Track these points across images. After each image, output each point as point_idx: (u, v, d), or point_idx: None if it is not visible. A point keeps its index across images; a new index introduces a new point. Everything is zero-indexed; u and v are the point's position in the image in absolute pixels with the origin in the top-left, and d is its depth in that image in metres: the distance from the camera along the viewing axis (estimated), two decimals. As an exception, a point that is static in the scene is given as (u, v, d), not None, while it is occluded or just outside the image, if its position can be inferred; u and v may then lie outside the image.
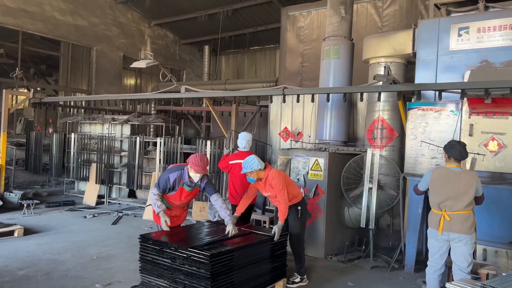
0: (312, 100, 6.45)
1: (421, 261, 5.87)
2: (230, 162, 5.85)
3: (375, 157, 5.75)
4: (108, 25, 14.37)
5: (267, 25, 14.44)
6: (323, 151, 6.42)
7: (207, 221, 5.43)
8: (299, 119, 7.48)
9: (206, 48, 16.50)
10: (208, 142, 7.14)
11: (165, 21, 15.61)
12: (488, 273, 4.16)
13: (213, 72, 16.77)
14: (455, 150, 4.04)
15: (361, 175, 6.23)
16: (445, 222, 3.97)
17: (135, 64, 7.75)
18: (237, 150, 5.91)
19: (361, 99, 5.84)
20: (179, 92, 7.12)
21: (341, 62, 6.74)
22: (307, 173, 6.29)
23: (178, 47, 17.05)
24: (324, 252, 6.11)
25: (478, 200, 4.05)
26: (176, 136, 8.01)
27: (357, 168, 6.19)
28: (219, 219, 6.81)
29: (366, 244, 6.10)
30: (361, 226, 5.95)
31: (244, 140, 5.76)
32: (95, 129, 10.09)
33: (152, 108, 12.44)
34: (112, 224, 7.60)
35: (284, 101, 6.47)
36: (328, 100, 6.14)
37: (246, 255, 4.15)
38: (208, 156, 7.03)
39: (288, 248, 5.16)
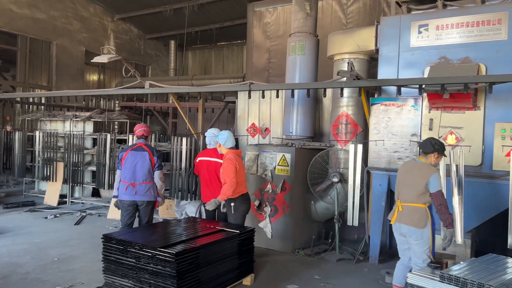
0: (277, 96, 6.48)
1: (385, 253, 6.05)
2: (197, 160, 5.81)
3: (357, 152, 5.61)
4: (69, 18, 13.86)
5: (234, 21, 14.36)
6: (290, 146, 6.47)
7: (174, 219, 5.36)
8: (266, 115, 7.49)
9: (172, 43, 16.23)
10: (184, 140, 7.04)
11: (129, 15, 15.23)
12: (447, 262, 4.32)
13: (180, 68, 16.54)
14: (421, 143, 4.24)
15: (326, 169, 6.32)
16: (398, 213, 4.08)
17: (96, 59, 7.51)
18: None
19: (324, 95, 5.91)
20: (143, 88, 6.96)
21: (307, 58, 6.79)
22: (274, 168, 6.33)
23: (143, 42, 16.69)
24: (292, 246, 6.17)
25: (432, 198, 3.99)
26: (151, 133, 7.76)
27: (323, 163, 6.28)
28: (187, 217, 6.75)
29: (332, 237, 6.21)
30: (335, 219, 6.04)
31: (210, 137, 5.73)
32: (56, 126, 9.72)
33: (116, 105, 12.12)
34: (75, 225, 7.36)
35: (249, 97, 6.47)
36: (292, 96, 6.17)
37: (213, 252, 4.13)
38: (183, 154, 6.97)
39: (256, 244, 5.20)
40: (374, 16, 8.50)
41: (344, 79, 5.41)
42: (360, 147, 5.51)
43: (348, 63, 5.44)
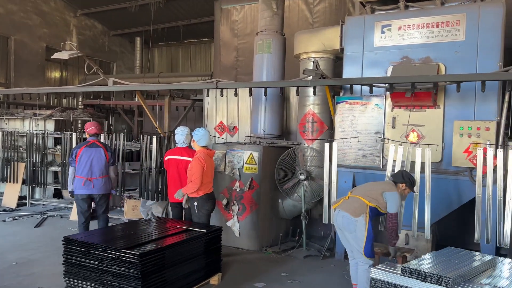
0: (250, 95, 6.45)
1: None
2: (166, 158, 5.73)
3: (333, 149, 5.54)
4: (28, 13, 13.28)
5: (201, 18, 14.19)
6: (258, 144, 6.48)
7: (139, 219, 5.26)
8: (234, 113, 7.46)
9: (138, 40, 15.89)
10: (154, 138, 6.93)
11: (92, 11, 14.75)
12: (406, 256, 4.45)
13: (146, 65, 16.20)
14: (394, 174, 4.56)
15: (294, 167, 6.38)
16: (343, 201, 4.20)
17: (56, 55, 7.23)
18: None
19: (297, 93, 5.94)
20: (107, 85, 6.78)
21: (274, 57, 6.81)
22: (242, 167, 6.32)
23: (108, 39, 16.23)
24: (259, 244, 6.18)
25: (387, 216, 4.11)
26: (119, 132, 7.50)
27: (290, 161, 6.32)
28: (153, 217, 6.64)
29: (300, 234, 6.27)
30: (302, 216, 6.08)
31: (181, 135, 5.66)
32: (15, 125, 9.30)
33: (80, 103, 11.74)
34: (35, 227, 7.08)
35: (222, 95, 6.44)
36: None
37: (179, 252, 4.08)
38: (154, 153, 6.88)
39: (224, 243, 5.19)
40: (340, 16, 8.62)
41: (310, 77, 5.46)
42: (335, 145, 5.53)
43: (313, 62, 5.49)
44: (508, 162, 4.66)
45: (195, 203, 5.04)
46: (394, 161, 5.15)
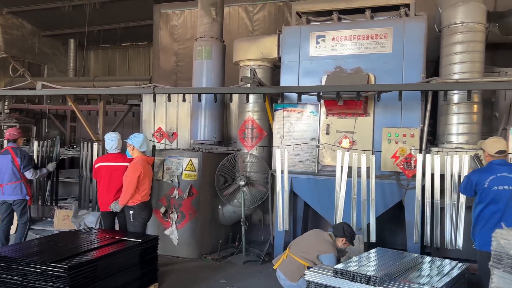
0: (184, 100, 6.40)
1: (289, 252, 6.29)
2: (95, 166, 5.50)
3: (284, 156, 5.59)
4: None
5: (140, 21, 13.83)
6: (197, 151, 6.43)
7: (71, 230, 5.00)
8: (173, 119, 7.34)
9: (72, 41, 15.12)
10: (95, 145, 6.60)
11: (21, 9, 13.83)
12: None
13: (80, 68, 15.46)
14: (335, 226, 4.58)
15: (234, 173, 6.40)
16: (282, 260, 4.33)
17: (-23, 56, 6.70)
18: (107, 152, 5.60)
19: (231, 100, 5.99)
20: (35, 88, 6.38)
21: (214, 63, 6.81)
22: (181, 173, 6.23)
23: (38, 39, 15.27)
24: (199, 252, 6.12)
25: None
26: (54, 138, 7.03)
27: (230, 167, 6.34)
28: (85, 228, 6.34)
29: (239, 240, 6.29)
30: (242, 222, 6.09)
31: (113, 141, 5.45)
32: None
33: (6, 107, 10.92)
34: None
35: (154, 100, 6.32)
36: (199, 100, 6.14)
37: (112, 263, 3.93)
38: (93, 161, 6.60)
39: (162, 252, 5.08)
40: (279, 25, 8.80)
41: (249, 85, 5.53)
42: (286, 153, 5.59)
43: (251, 69, 5.57)
44: (433, 166, 5.01)
45: (131, 212, 4.88)
46: (342, 166, 5.30)
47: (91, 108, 9.46)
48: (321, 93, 5.32)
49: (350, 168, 5.25)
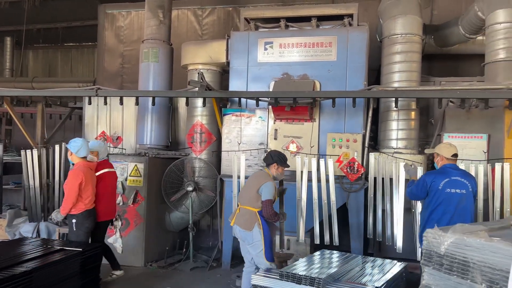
0: (137, 104, 6.20)
1: (238, 257, 6.25)
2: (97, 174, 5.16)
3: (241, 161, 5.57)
4: None
5: (84, 21, 13.29)
6: (143, 156, 6.26)
7: (3, 241, 4.67)
8: (118, 123, 7.09)
9: (8, 40, 14.20)
10: (35, 152, 6.20)
11: (-50, 3, 12.81)
12: (287, 261, 4.69)
13: (18, 68, 14.56)
14: (265, 156, 4.50)
15: (182, 178, 6.30)
16: (236, 215, 4.30)
17: None
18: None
19: (187, 104, 5.92)
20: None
21: (161, 66, 6.69)
22: (126, 179, 6.03)
23: (-30, 36, 14.25)
24: (144, 259, 5.95)
25: (262, 204, 4.11)
26: None
27: (178, 172, 6.24)
28: (21, 237, 5.96)
29: (187, 246, 6.19)
30: (189, 228, 6.01)
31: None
32: None
33: None
34: None
35: (104, 103, 6.09)
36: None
37: (50, 274, 3.71)
38: (36, 169, 6.37)
39: (105, 260, 4.90)
40: (228, 30, 8.81)
41: (197, 89, 5.49)
42: (243, 157, 5.57)
43: (198, 73, 5.54)
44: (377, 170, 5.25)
45: (74, 220, 4.62)
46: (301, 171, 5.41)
47: (28, 111, 8.92)
48: (269, 98, 5.39)
49: (294, 172, 5.37)
